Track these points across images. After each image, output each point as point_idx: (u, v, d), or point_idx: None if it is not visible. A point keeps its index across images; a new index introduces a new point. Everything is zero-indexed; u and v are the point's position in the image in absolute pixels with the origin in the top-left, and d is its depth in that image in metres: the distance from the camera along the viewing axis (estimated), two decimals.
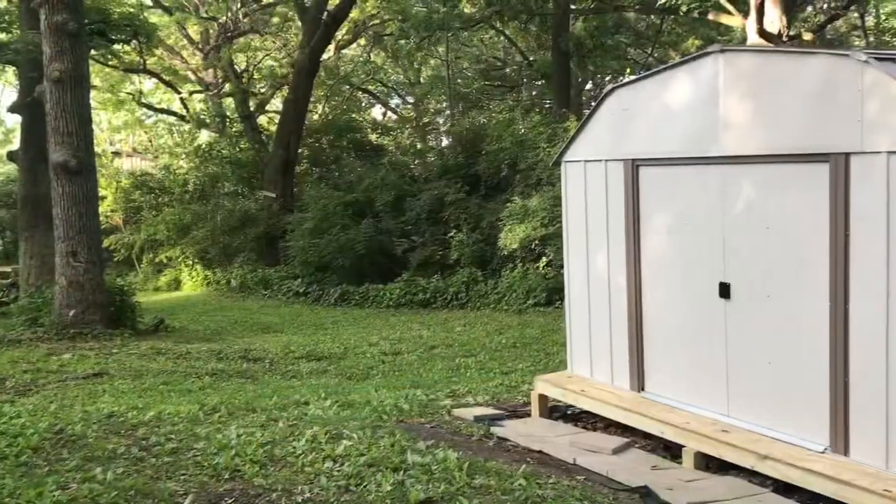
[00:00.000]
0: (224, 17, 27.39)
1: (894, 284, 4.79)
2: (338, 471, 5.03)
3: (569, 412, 7.30)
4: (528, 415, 7.27)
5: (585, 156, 7.01)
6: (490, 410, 7.36)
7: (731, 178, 5.78)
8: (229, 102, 29.80)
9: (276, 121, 27.90)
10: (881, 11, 30.40)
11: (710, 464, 5.75)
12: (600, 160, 6.85)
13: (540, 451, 6.03)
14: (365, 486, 4.77)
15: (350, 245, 18.92)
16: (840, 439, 5.13)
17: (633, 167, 6.54)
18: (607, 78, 30.30)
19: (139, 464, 5.08)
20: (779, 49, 5.75)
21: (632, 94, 6.54)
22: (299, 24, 26.62)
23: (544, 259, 16.02)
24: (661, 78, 6.27)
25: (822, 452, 5.20)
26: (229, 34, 27.77)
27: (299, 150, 25.55)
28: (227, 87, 28.69)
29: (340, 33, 27.73)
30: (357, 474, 4.95)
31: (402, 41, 25.72)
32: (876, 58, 4.88)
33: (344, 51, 31.31)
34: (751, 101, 5.55)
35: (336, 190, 21.58)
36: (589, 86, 32.07)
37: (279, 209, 23.08)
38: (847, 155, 4.98)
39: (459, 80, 33.87)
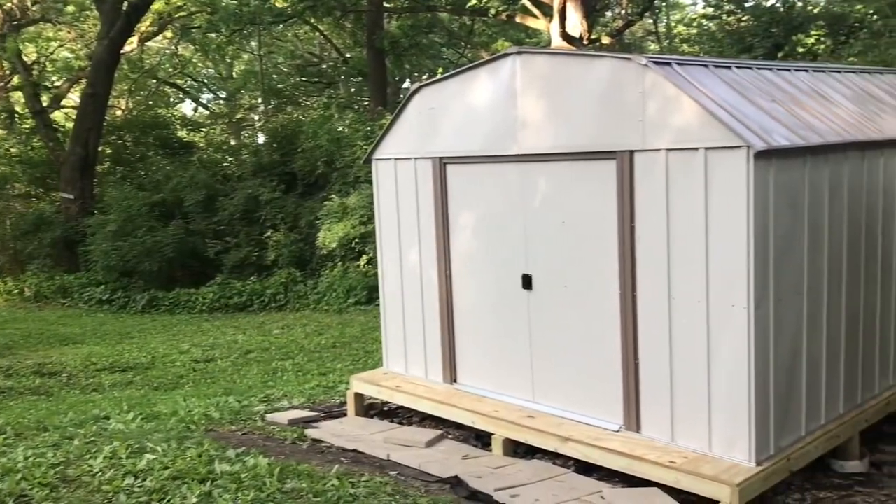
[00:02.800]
0: (9, 4, 25.08)
1: (674, 272, 5.20)
2: (139, 487, 4.75)
3: (385, 409, 7.34)
4: (345, 415, 7.24)
5: (395, 154, 7.06)
6: (306, 413, 7.25)
7: (529, 175, 6.03)
8: (19, 97, 27.36)
9: (74, 117, 25.95)
10: (671, 19, 33.05)
11: (519, 449, 5.99)
12: (410, 158, 6.93)
13: (354, 450, 6.01)
14: (169, 501, 4.55)
15: (158, 248, 17.96)
16: (633, 418, 5.50)
17: (441, 165, 6.67)
18: (424, 77, 30.78)
19: None
20: (570, 52, 6.07)
21: (437, 93, 6.66)
22: (97, 13, 24.90)
23: (365, 257, 16.01)
24: (464, 78, 6.43)
25: (618, 431, 5.56)
26: (16, 22, 25.46)
27: (100, 149, 23.87)
28: (16, 80, 26.32)
29: (144, 24, 26.23)
30: (161, 489, 4.71)
31: (212, 34, 24.77)
32: (655, 62, 5.26)
33: (148, 43, 29.65)
34: (546, 102, 5.81)
35: (141, 190, 20.39)
36: (407, 84, 32.44)
37: (78, 211, 21.48)
38: (632, 152, 5.34)
39: (275, 76, 33.15)
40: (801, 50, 16.70)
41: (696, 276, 5.09)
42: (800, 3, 17.88)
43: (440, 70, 27.46)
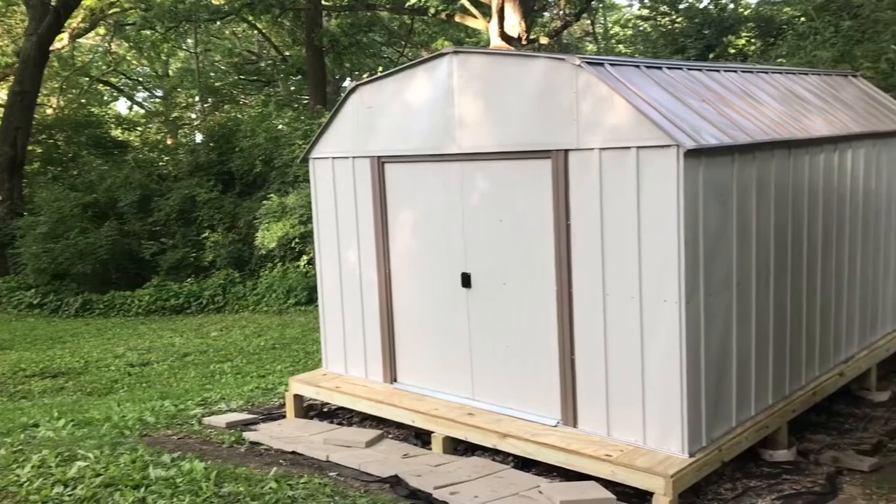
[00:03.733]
0: None
1: (608, 268, 5.29)
2: (69, 495, 4.62)
3: (325, 410, 7.29)
4: (284, 417, 7.16)
5: (333, 153, 7.01)
6: (244, 416, 7.15)
7: (467, 174, 6.06)
8: None
9: (1, 115, 25.07)
10: (608, 20, 33.59)
11: (459, 447, 6.01)
12: (348, 157, 6.89)
13: (293, 452, 5.96)
14: None
15: (91, 250, 17.48)
16: (570, 413, 5.58)
17: (380, 164, 6.65)
18: (365, 75, 30.63)
19: None
20: (506, 52, 6.11)
21: (375, 92, 6.64)
22: (24, 8, 24.10)
23: (305, 257, 15.86)
24: (402, 77, 6.42)
25: (555, 426, 5.63)
26: None
27: (29, 148, 23.12)
28: None
29: (75, 20, 25.50)
30: (92, 497, 4.59)
31: (146, 31, 24.23)
32: (588, 62, 5.34)
33: (80, 40, 28.85)
34: (482, 101, 5.85)
35: (73, 190, 19.81)
36: (347, 82, 32.23)
37: (6, 213, 20.76)
38: (566, 151, 5.42)
39: (212, 74, 32.60)
40: (732, 51, 17.15)
41: (629, 272, 5.19)
42: (731, 6, 18.36)
43: (380, 69, 27.37)
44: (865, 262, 7.08)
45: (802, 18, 13.13)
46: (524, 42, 18.57)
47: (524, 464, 5.64)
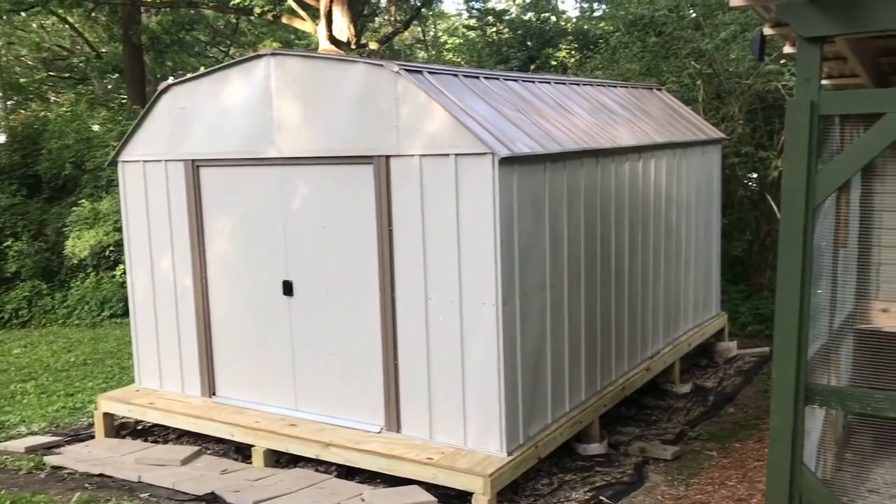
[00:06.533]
0: None
1: (430, 273, 5.35)
2: None
3: (139, 428, 6.88)
4: (93, 437, 6.69)
5: (144, 156, 6.64)
6: (47, 438, 6.62)
7: (288, 178, 5.93)
8: None
9: None
10: (438, 28, 34.17)
11: (282, 459, 5.86)
12: (160, 160, 6.55)
13: (101, 475, 5.57)
14: None
15: None
16: (393, 418, 5.58)
17: (194, 168, 6.37)
18: (189, 75, 29.37)
19: None
20: (325, 55, 6.03)
21: (189, 92, 6.36)
22: None
23: (121, 267, 14.90)
24: (217, 77, 6.19)
25: (379, 433, 5.61)
26: None
27: None
28: None
29: None
30: None
31: None
32: (407, 69, 5.37)
33: None
34: (302, 105, 5.74)
35: None
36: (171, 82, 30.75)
37: None
38: (388, 157, 5.42)
39: (17, 69, 30.07)
40: (553, 62, 17.94)
41: (450, 276, 5.27)
42: (553, 19, 19.21)
43: (202, 68, 26.38)
44: (669, 263, 7.60)
45: (617, 33, 13.94)
46: (353, 46, 18.49)
47: (349, 472, 5.58)
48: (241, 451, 6.07)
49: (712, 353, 8.53)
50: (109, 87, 30.16)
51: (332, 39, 17.81)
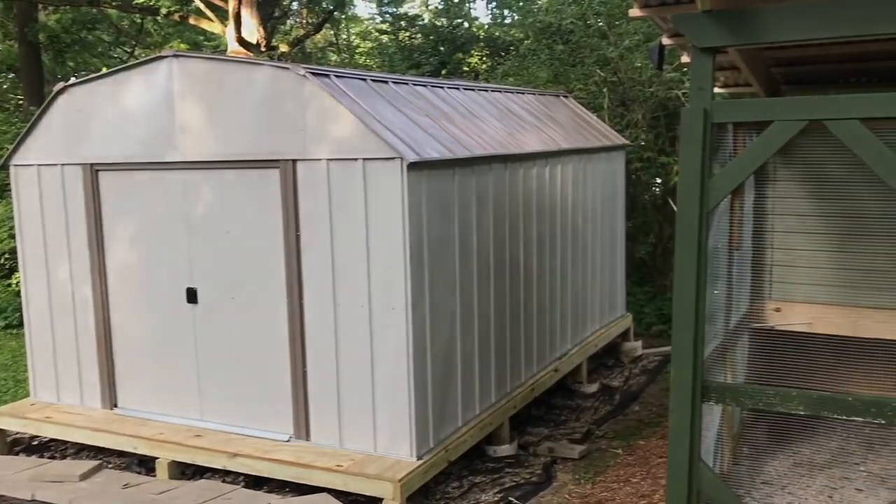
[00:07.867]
0: None
1: (339, 278, 5.31)
2: None
3: (35, 443, 6.57)
4: None
5: (39, 160, 6.37)
6: None
7: (191, 183, 5.78)
8: None
9: None
10: (351, 31, 33.99)
11: (188, 471, 5.70)
12: (56, 164, 6.29)
13: None
14: None
15: None
16: (302, 426, 5.51)
17: (93, 172, 6.14)
18: (89, 76, 28.31)
19: None
20: (229, 58, 5.92)
21: (87, 94, 6.13)
22: None
23: (17, 275, 14.24)
24: (117, 79, 5.99)
25: (288, 441, 5.53)
26: None
27: None
28: None
29: None
30: None
31: None
32: (314, 73, 5.32)
33: None
34: (206, 108, 5.61)
35: None
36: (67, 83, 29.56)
37: None
38: (294, 161, 5.35)
39: None
40: (465, 68, 18.10)
41: (359, 281, 5.24)
42: (466, 25, 19.37)
43: (104, 69, 25.49)
44: (576, 265, 7.77)
45: (527, 41, 14.17)
46: (263, 49, 18.20)
47: (257, 482, 5.47)
48: (145, 464, 5.87)
49: (618, 353, 8.76)
50: (5, 87, 28.80)
51: (242, 41, 17.49)
